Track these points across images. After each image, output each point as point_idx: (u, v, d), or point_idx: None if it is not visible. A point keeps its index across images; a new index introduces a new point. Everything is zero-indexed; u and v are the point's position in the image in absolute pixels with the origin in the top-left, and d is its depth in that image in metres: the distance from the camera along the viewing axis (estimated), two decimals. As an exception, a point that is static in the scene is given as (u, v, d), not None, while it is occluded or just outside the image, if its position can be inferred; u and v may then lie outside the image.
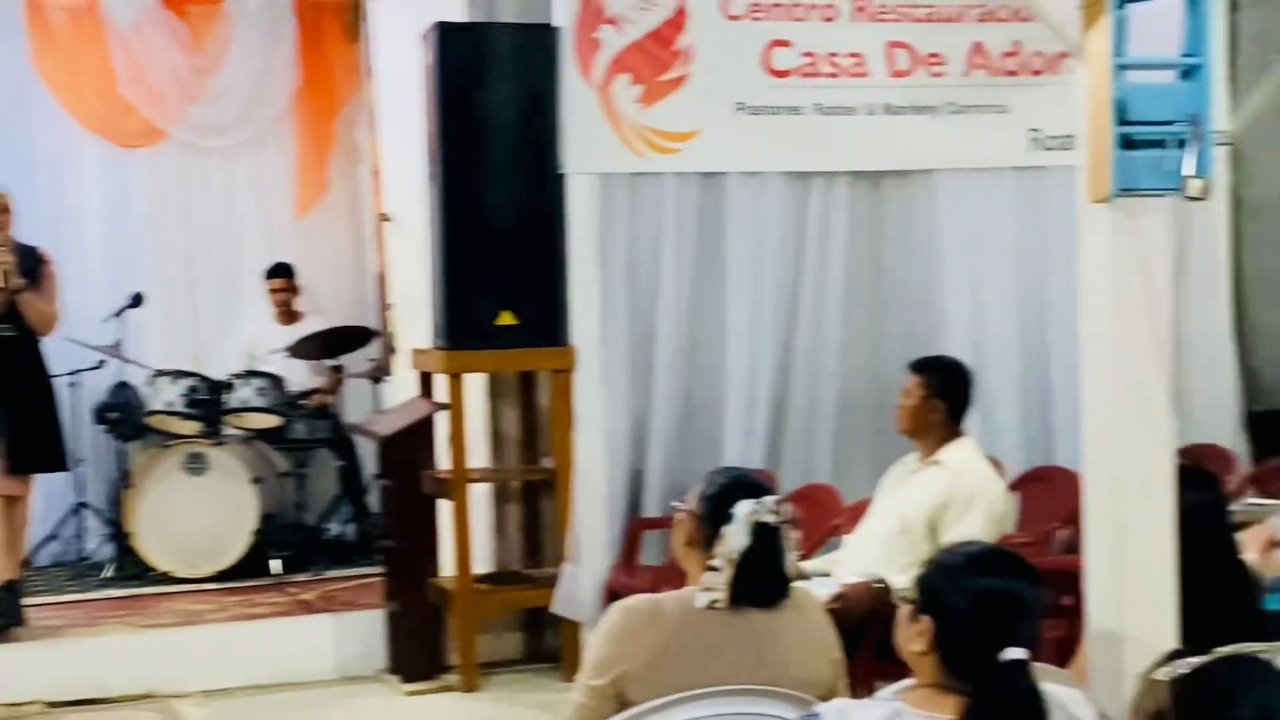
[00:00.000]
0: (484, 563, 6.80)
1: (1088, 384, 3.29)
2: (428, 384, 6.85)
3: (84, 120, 8.87)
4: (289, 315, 8.92)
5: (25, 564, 7.42)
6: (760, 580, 3.39)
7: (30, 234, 7.06)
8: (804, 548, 5.56)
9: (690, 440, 6.67)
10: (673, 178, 6.62)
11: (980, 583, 2.75)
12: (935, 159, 6.90)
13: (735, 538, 3.37)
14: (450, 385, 6.45)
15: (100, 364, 8.28)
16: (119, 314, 8.29)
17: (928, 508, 5.13)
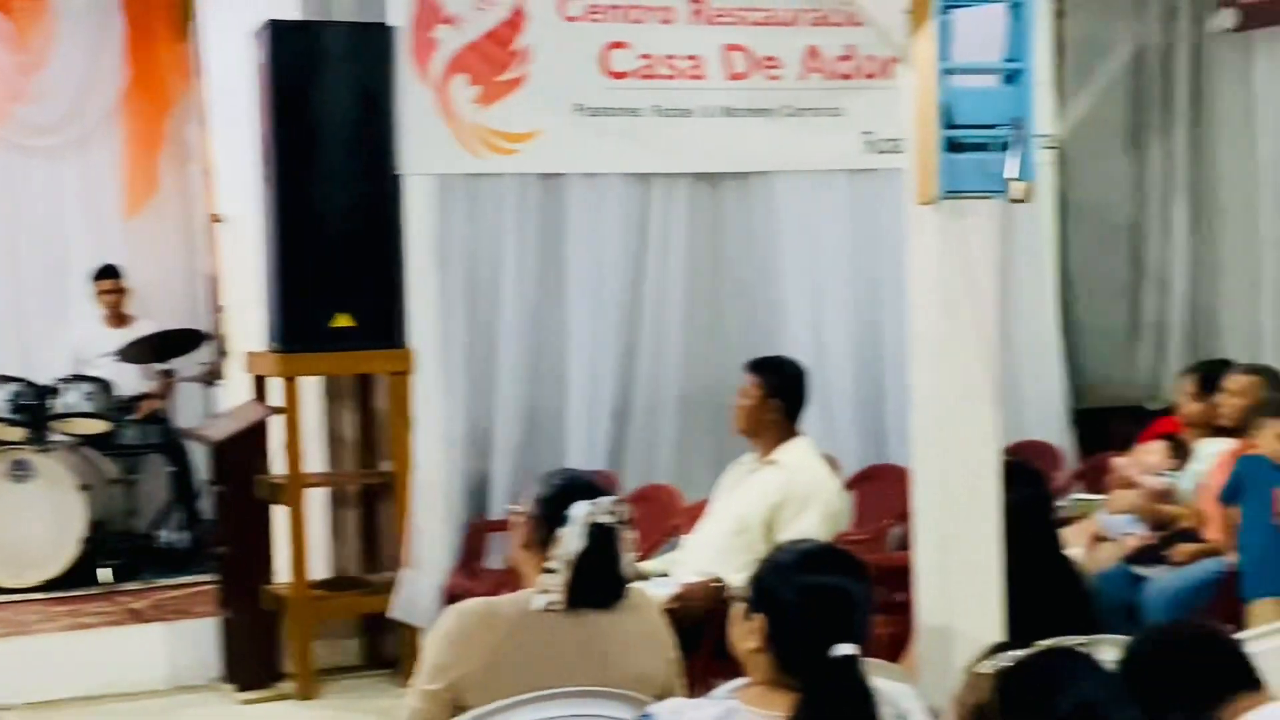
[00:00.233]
0: (321, 568, 6.71)
1: (916, 382, 3.34)
2: (262, 387, 6.75)
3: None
4: (118, 318, 8.72)
5: None
6: (597, 581, 3.38)
7: None
8: (643, 548, 5.60)
9: (534, 442, 6.65)
10: (512, 179, 6.60)
11: (811, 580, 2.78)
12: (772, 161, 6.98)
13: (571, 539, 3.36)
14: (285, 389, 6.36)
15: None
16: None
17: (764, 507, 5.17)
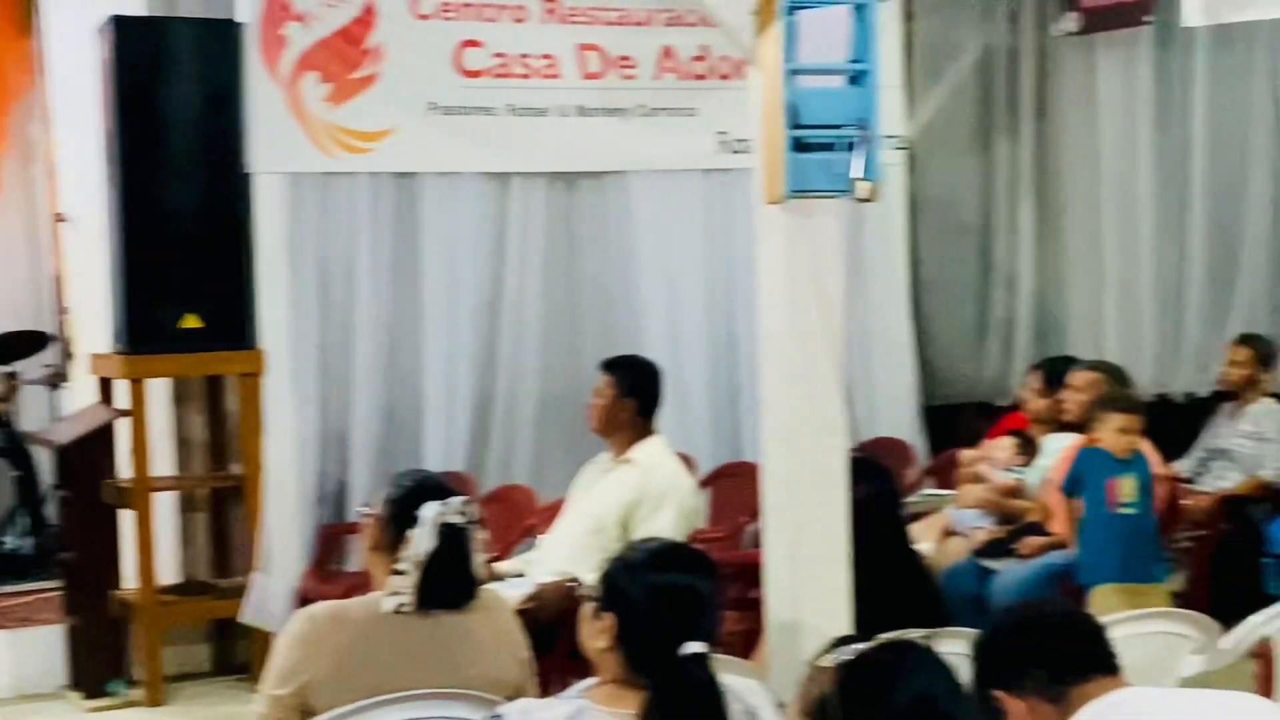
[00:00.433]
0: (170, 573, 6.59)
1: (765, 380, 3.37)
2: (108, 390, 6.60)
3: None
4: (-41, 320, 8.51)
5: None
6: (447, 582, 3.37)
7: None
8: (499, 548, 5.60)
9: (392, 443, 6.60)
10: (365, 178, 6.54)
11: (659, 579, 2.79)
12: (627, 160, 6.99)
13: (421, 540, 3.34)
14: (131, 391, 6.24)
15: None
16: None
17: (620, 506, 5.19)
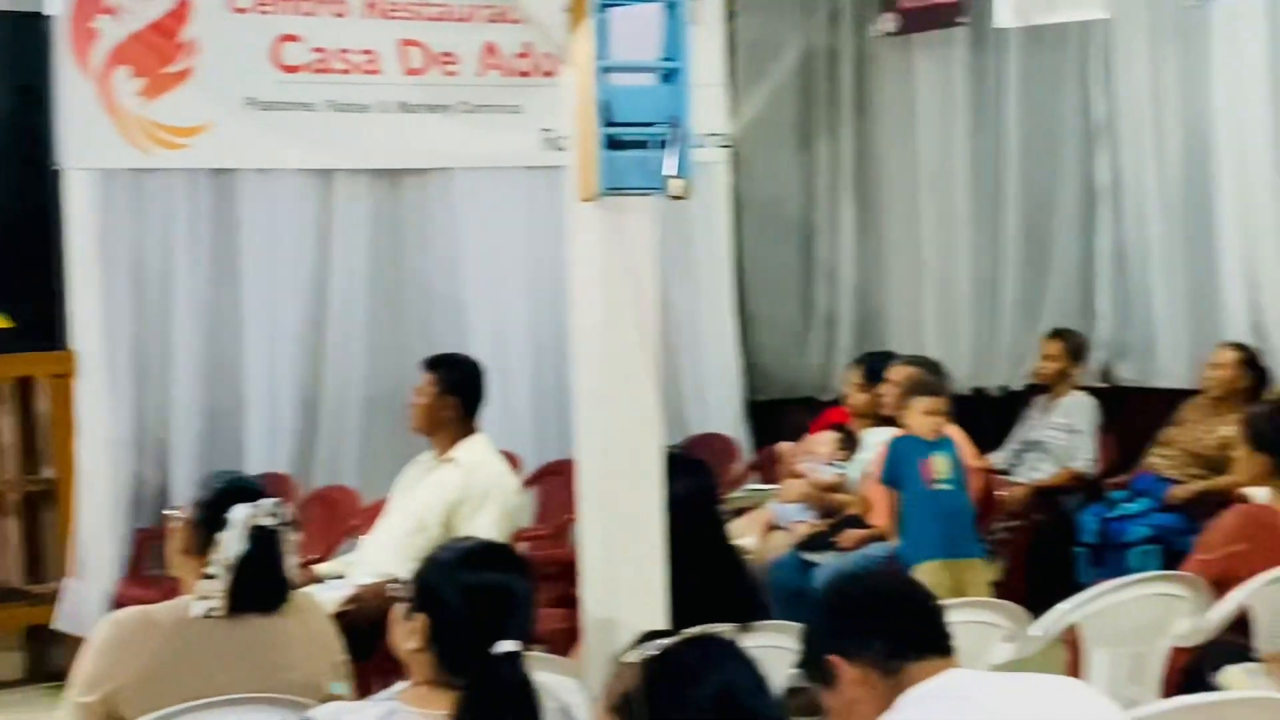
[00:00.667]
0: (-20, 580, 6.42)
1: (579, 378, 3.37)
2: (-88, 392, 6.41)
3: None
4: None
5: None
6: (259, 585, 3.33)
7: None
8: (321, 550, 5.52)
9: (214, 445, 6.49)
10: (181, 174, 6.43)
11: (472, 578, 2.78)
12: (451, 157, 6.96)
13: (231, 543, 3.29)
14: (-62, 393, 6.06)
15: None
16: None
17: (442, 506, 5.14)
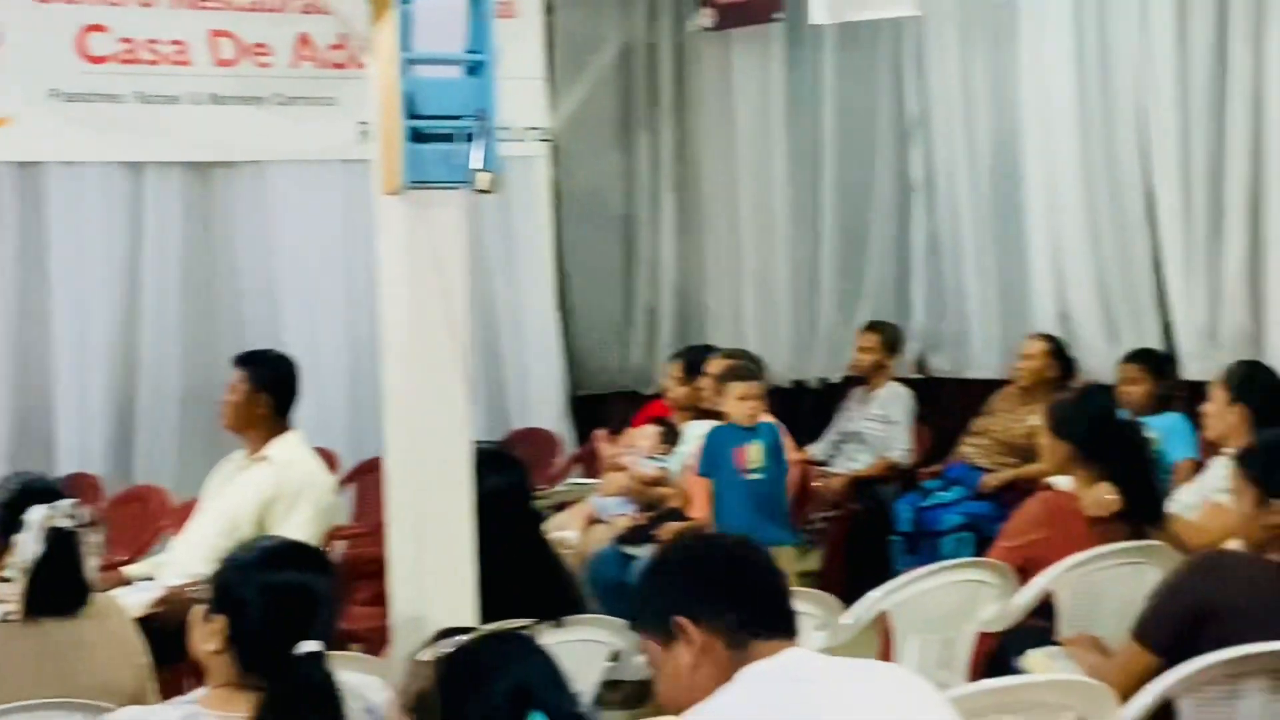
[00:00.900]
0: None
1: (387, 373, 3.34)
2: None
3: None
4: None
5: None
6: (57, 588, 3.28)
7: None
8: (130, 551, 5.40)
9: (22, 447, 6.34)
10: (-15, 167, 6.26)
11: (272, 578, 2.75)
12: (265, 150, 6.88)
13: (28, 546, 3.22)
14: None
15: None
16: None
17: (255, 505, 5.05)
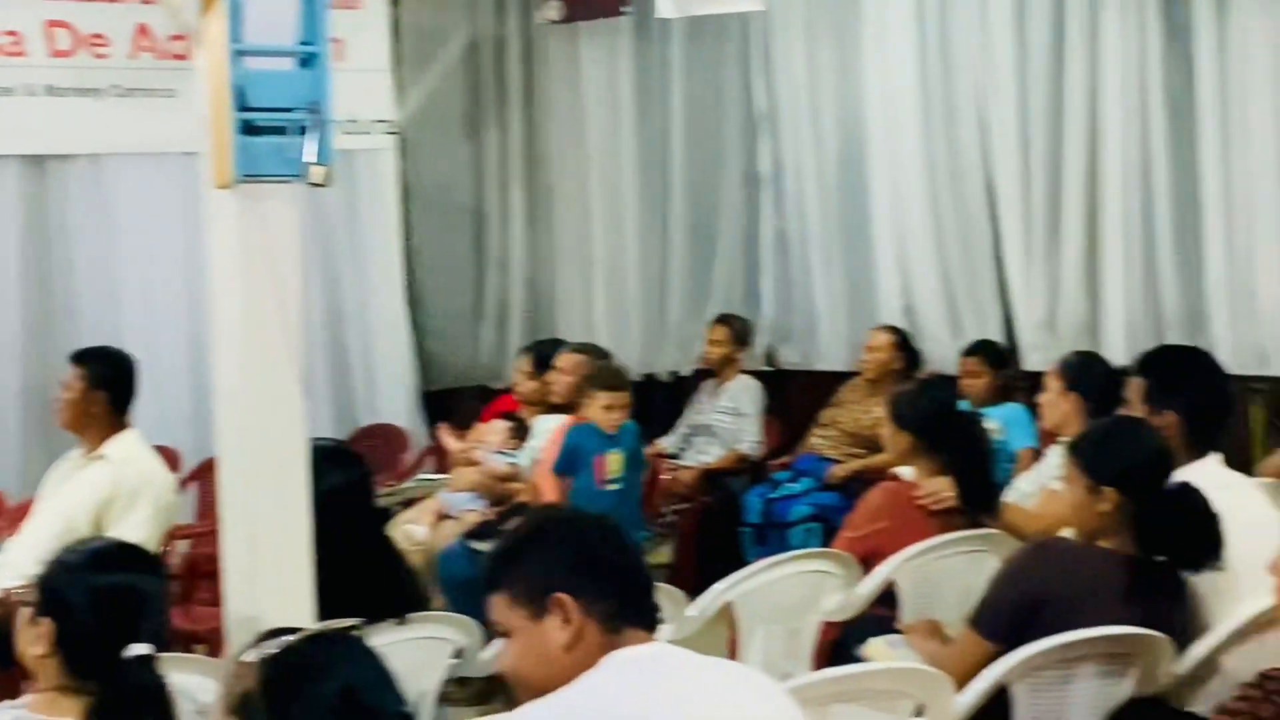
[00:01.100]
0: None
1: (219, 370, 3.28)
2: None
3: None
4: None
5: None
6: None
7: None
8: (-37, 555, 5.25)
9: None
10: None
11: (100, 579, 2.70)
12: (102, 143, 6.75)
13: None
14: None
15: None
16: None
17: (92, 504, 4.96)
